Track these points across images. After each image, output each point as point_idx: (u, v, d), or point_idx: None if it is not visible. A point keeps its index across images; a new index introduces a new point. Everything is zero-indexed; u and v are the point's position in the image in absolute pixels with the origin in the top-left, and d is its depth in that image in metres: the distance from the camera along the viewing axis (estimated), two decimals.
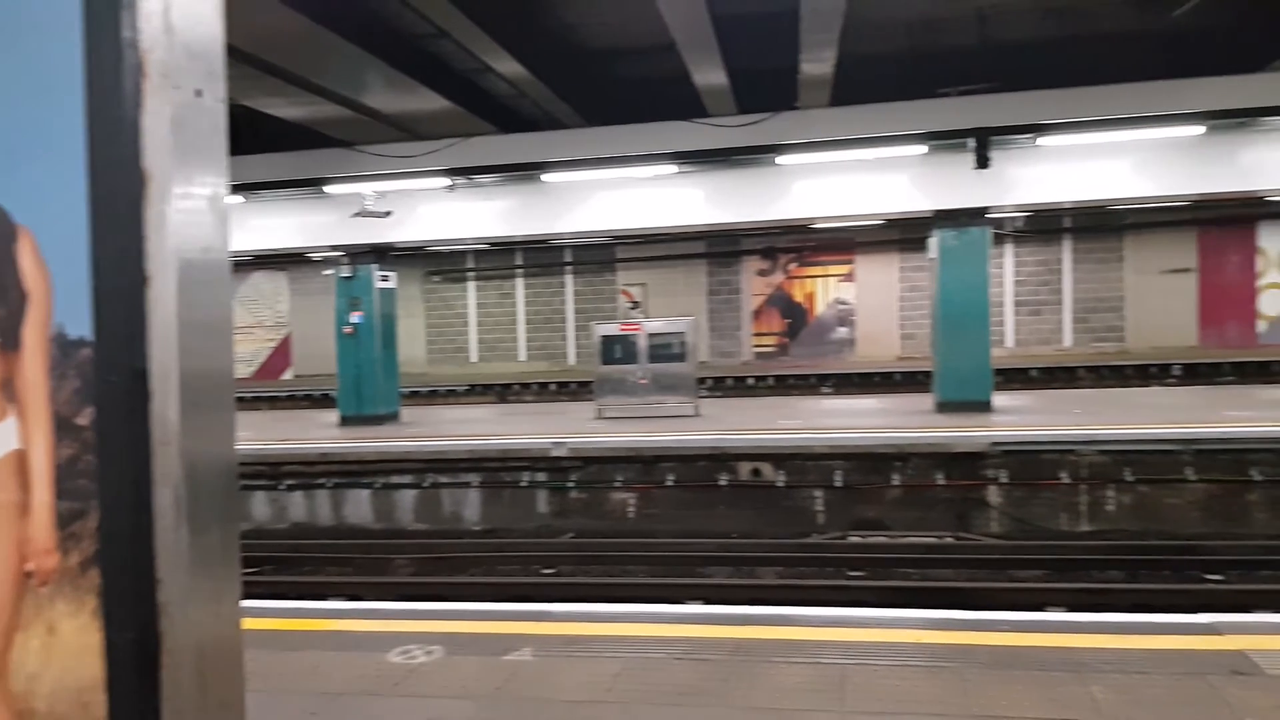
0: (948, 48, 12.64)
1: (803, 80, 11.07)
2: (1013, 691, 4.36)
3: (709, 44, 9.47)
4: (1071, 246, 23.38)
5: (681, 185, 14.55)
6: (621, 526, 12.15)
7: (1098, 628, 5.18)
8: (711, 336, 24.56)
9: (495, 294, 25.84)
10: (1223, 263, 22.73)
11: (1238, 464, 11.32)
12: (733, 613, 5.73)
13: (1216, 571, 9.58)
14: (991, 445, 11.85)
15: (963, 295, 14.00)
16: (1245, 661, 4.61)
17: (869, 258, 24.10)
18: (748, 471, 12.23)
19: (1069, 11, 12.03)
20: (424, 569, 10.82)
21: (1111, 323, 23.35)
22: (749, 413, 15.31)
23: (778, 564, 10.52)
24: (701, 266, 24.62)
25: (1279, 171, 13.34)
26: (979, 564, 10.15)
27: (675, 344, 14.69)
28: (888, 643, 5.03)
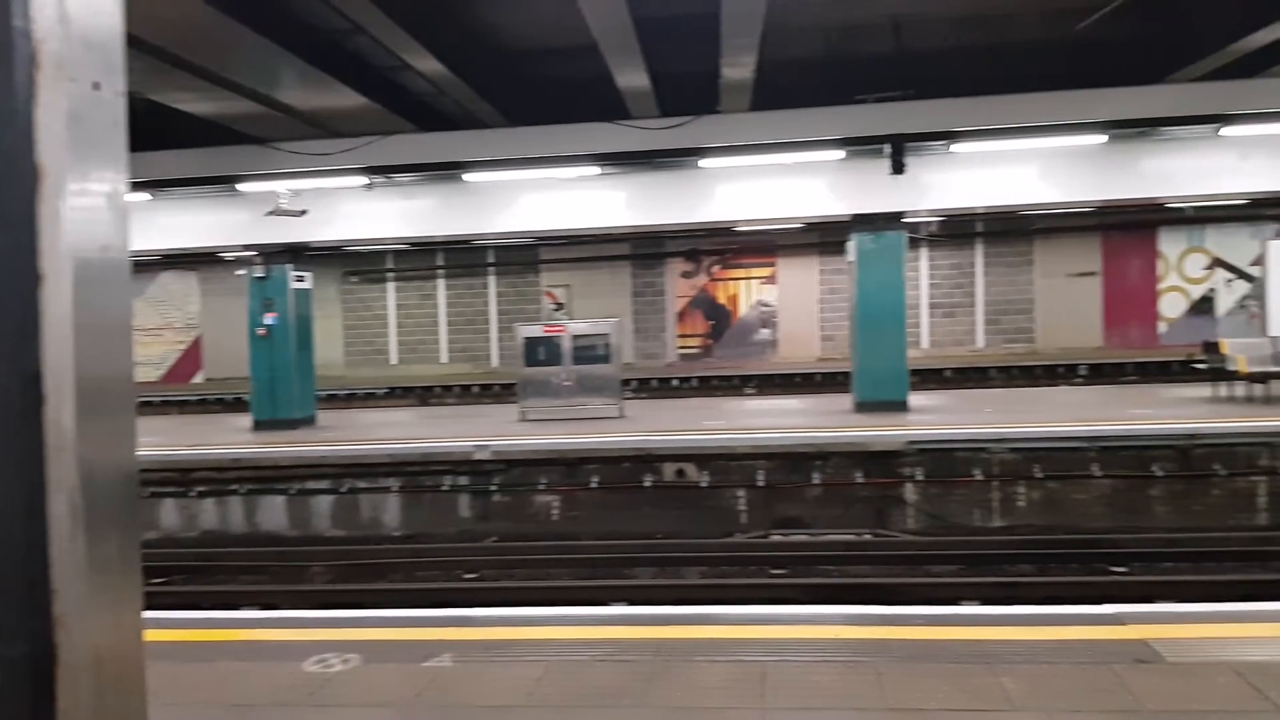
0: (865, 55, 12.90)
1: (724, 84, 11.18)
2: (927, 684, 4.47)
3: (630, 46, 9.50)
4: (983, 250, 24.10)
5: (605, 187, 14.57)
6: (545, 529, 12.10)
7: (1008, 620, 5.34)
8: (636, 338, 24.63)
9: (416, 295, 25.47)
10: (1126, 266, 23.70)
11: (1140, 460, 11.81)
12: (655, 613, 5.75)
13: (1122, 564, 9.98)
14: (908, 444, 12.14)
15: (880, 297, 14.31)
16: (1148, 650, 4.81)
17: (790, 260, 24.46)
18: (672, 472, 12.30)
19: (980, 21, 12.39)
20: (342, 576, 10.60)
21: (1021, 324, 24.13)
22: (673, 414, 15.39)
23: (702, 564, 10.60)
24: (626, 268, 24.68)
25: (1177, 179, 13.97)
26: (897, 560, 10.38)
27: (599, 345, 14.69)
28: (807, 639, 5.11)
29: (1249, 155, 13.49)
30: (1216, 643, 4.86)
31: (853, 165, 13.80)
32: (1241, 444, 11.63)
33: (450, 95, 12.20)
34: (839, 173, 14.05)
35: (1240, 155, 13.52)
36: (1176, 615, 5.35)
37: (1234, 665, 4.56)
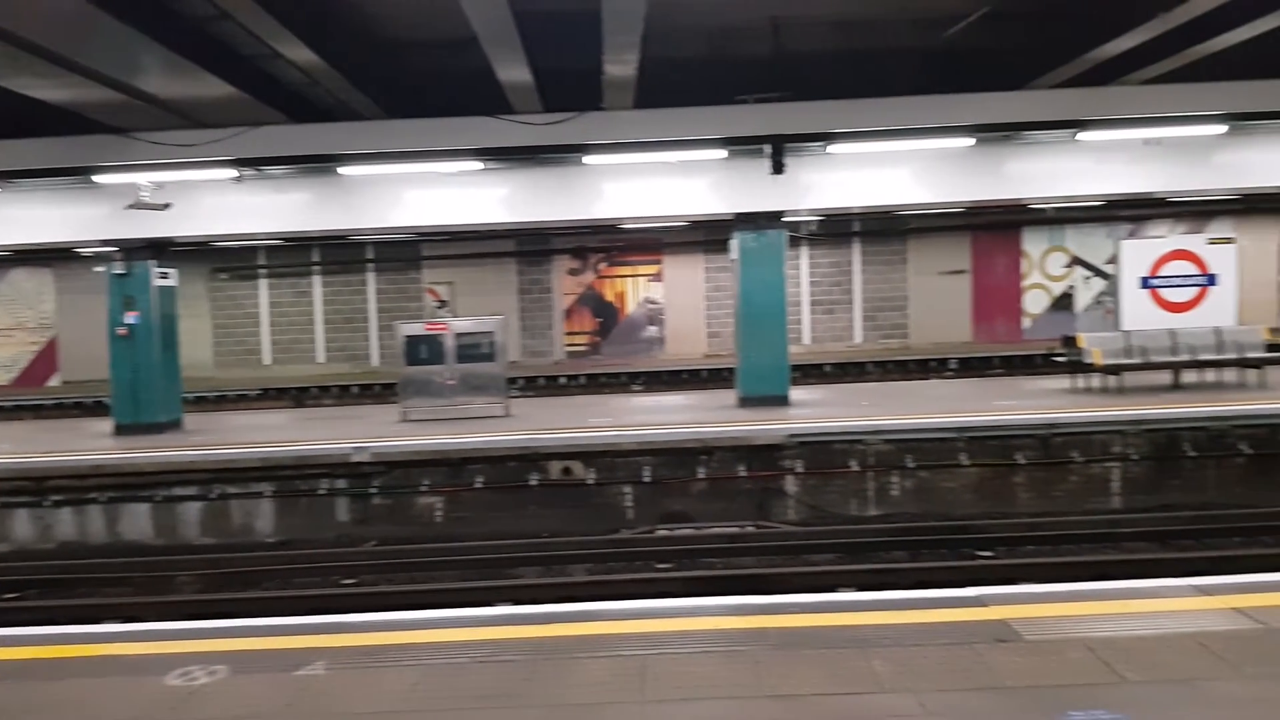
0: (745, 56, 13.09)
1: (607, 81, 11.17)
2: (801, 670, 4.56)
3: (511, 40, 9.38)
4: (861, 249, 24.87)
5: (488, 182, 14.36)
6: (428, 531, 11.86)
7: (879, 605, 5.51)
8: (523, 336, 24.42)
9: (290, 292, 24.57)
10: (992, 265, 24.83)
11: (1004, 449, 12.38)
12: (535, 612, 5.69)
13: (987, 548, 10.43)
14: (788, 437, 12.41)
15: (762, 295, 14.57)
16: (1007, 630, 5.03)
17: (676, 258, 24.69)
18: (558, 470, 12.24)
19: (855, 26, 12.73)
20: (212, 585, 10.15)
21: (897, 321, 25.01)
22: (560, 412, 15.32)
23: (588, 561, 10.58)
24: (512, 265, 24.44)
25: (1039, 181, 14.68)
26: (778, 550, 10.60)
27: (484, 344, 14.47)
28: (687, 631, 5.15)
29: (1104, 159, 14.29)
30: (1070, 620, 5.12)
31: (735, 165, 14.00)
32: (1096, 432, 12.33)
33: (324, 86, 11.82)
34: (721, 172, 14.23)
35: (1096, 159, 14.31)
36: (1033, 596, 5.62)
37: (1085, 641, 4.82)
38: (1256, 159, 14.14)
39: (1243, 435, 12.24)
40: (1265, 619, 5.05)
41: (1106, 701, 4.13)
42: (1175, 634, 4.89)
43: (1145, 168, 14.20)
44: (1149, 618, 5.16)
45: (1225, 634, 4.87)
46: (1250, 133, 13.78)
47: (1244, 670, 4.44)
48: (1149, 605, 5.35)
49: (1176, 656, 4.60)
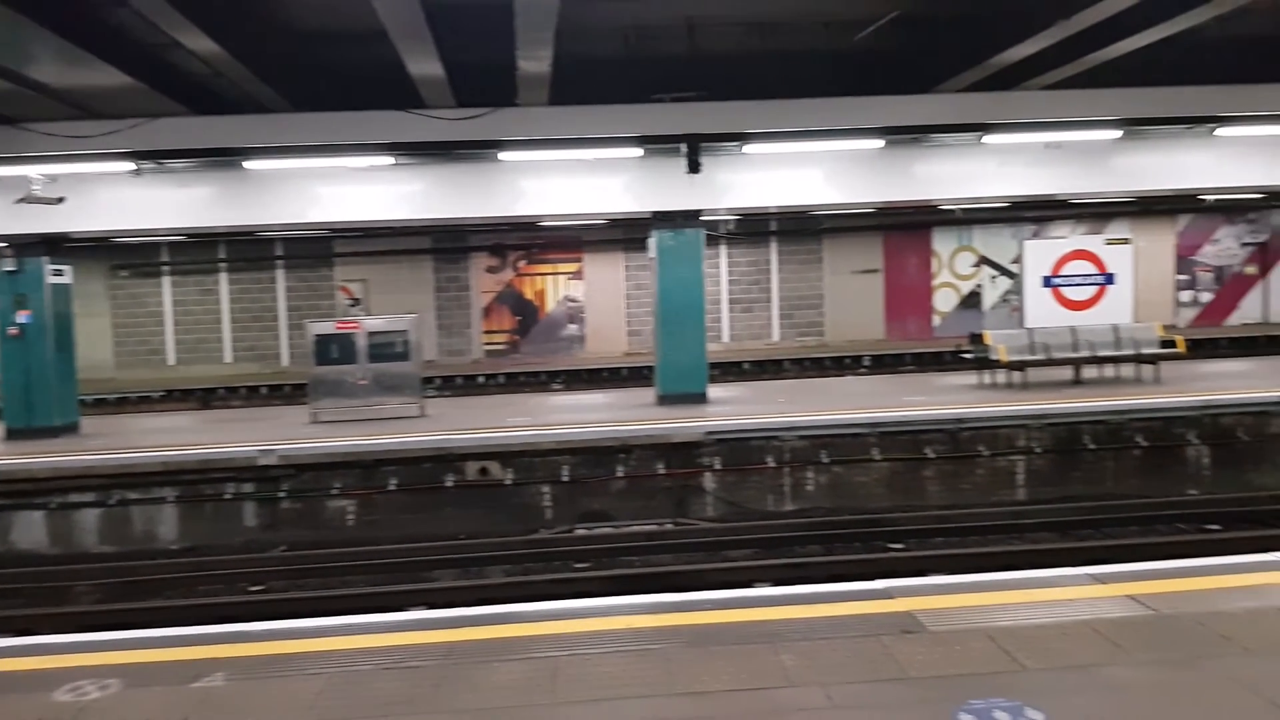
0: (661, 55, 13.10)
1: (521, 77, 11.05)
2: (713, 666, 4.57)
3: (421, 33, 9.18)
4: (778, 248, 25.20)
5: (401, 178, 14.09)
6: (340, 535, 11.57)
7: (790, 600, 5.57)
8: (440, 334, 24.07)
9: (196, 290, 23.74)
10: (904, 264, 25.44)
11: (915, 443, 12.68)
12: (446, 616, 5.59)
13: (899, 540, 10.67)
14: (706, 435, 12.49)
15: (680, 293, 14.63)
16: (913, 621, 5.13)
17: (596, 256, 24.65)
18: (475, 471, 12.08)
19: (768, 27, 12.86)
20: (110, 595, 9.73)
21: (813, 319, 25.42)
22: (478, 412, 15.13)
23: (505, 562, 10.47)
24: (428, 262, 24.07)
25: (947, 183, 15.07)
26: (696, 547, 10.65)
27: (397, 343, 14.19)
28: (601, 631, 5.12)
29: (1008, 162, 14.74)
30: (973, 611, 5.25)
31: (652, 163, 14.02)
32: (1002, 427, 12.71)
33: (228, 77, 11.41)
34: (639, 170, 14.24)
35: (1000, 162, 14.75)
36: (938, 587, 5.75)
37: (988, 631, 4.94)
38: (1150, 163, 14.76)
39: (1139, 428, 12.76)
40: (1157, 605, 5.25)
41: (1006, 689, 4.24)
42: (1072, 622, 5.05)
43: (1047, 170, 14.69)
44: (1048, 606, 5.32)
45: (1119, 621, 5.06)
46: (1144, 138, 14.39)
47: (1137, 656, 4.60)
48: (1048, 594, 5.52)
49: (1073, 644, 4.75)
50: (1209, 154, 14.76)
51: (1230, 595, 5.41)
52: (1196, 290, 25.84)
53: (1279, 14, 12.58)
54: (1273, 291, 25.90)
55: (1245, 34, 12.96)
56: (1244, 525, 10.59)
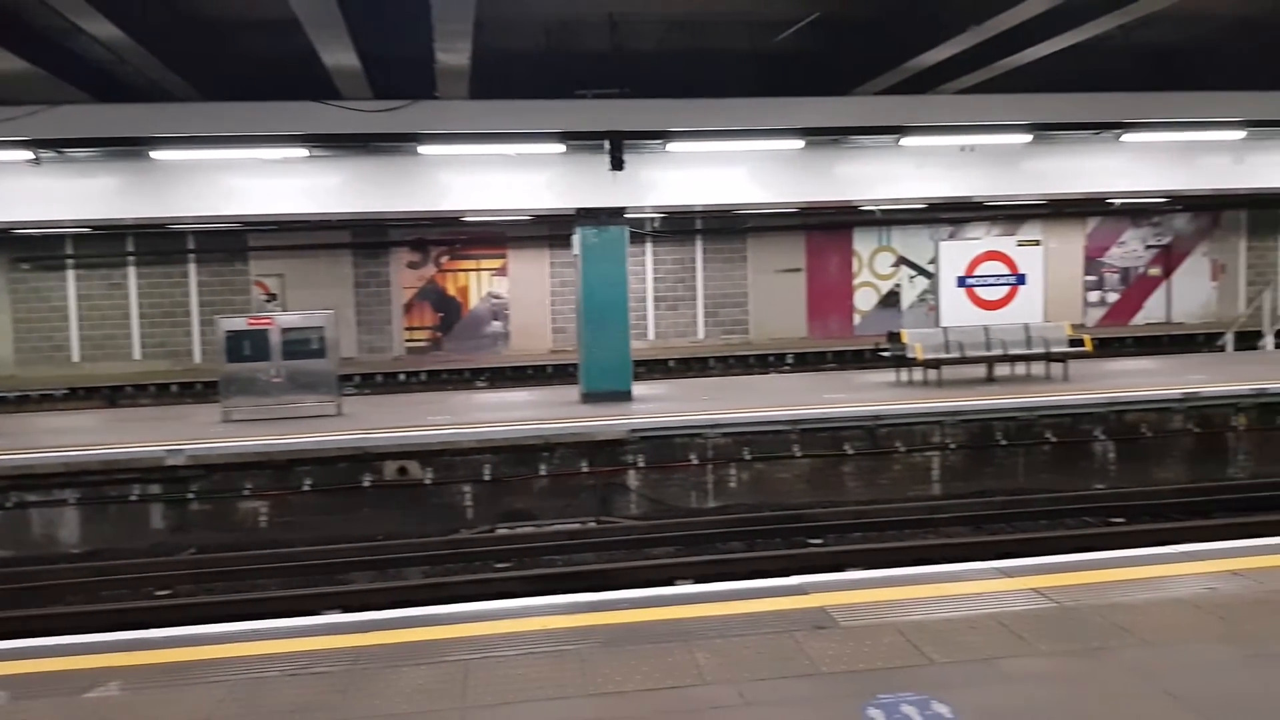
0: (584, 51, 13.05)
1: (440, 69, 10.86)
2: (627, 666, 4.55)
3: (335, 23, 8.94)
4: (703, 246, 25.30)
5: (318, 171, 13.74)
6: (252, 538, 11.24)
7: (706, 597, 5.57)
8: (360, 331, 23.55)
9: (103, 285, 22.78)
10: (826, 263, 25.77)
11: (834, 440, 12.86)
12: (355, 620, 5.45)
13: (818, 536, 10.81)
14: (630, 432, 12.47)
15: (604, 291, 14.58)
16: (826, 616, 5.18)
17: (521, 252, 24.41)
18: (393, 471, 11.86)
19: (691, 26, 12.91)
20: (3, 603, 9.26)
21: (737, 317, 25.59)
22: (398, 410, 14.85)
23: (424, 563, 10.31)
24: (347, 257, 23.51)
25: (866, 184, 15.33)
26: (619, 545, 10.63)
27: (313, 339, 13.82)
28: (515, 633, 5.05)
29: (924, 164, 15.06)
30: (884, 605, 5.32)
31: (575, 160, 13.93)
32: (917, 423, 12.98)
33: (133, 64, 10.98)
34: (563, 167, 14.14)
35: (917, 164, 15.06)
36: (851, 583, 5.81)
37: (898, 625, 5.02)
38: (1059, 167, 15.23)
39: (1048, 424, 13.16)
40: (1059, 598, 5.40)
41: (914, 683, 4.30)
42: (979, 615, 5.16)
43: (961, 173, 15.05)
44: (957, 600, 5.43)
45: (1023, 613, 5.18)
46: (1053, 142, 14.84)
47: (1039, 648, 4.72)
48: (957, 588, 5.62)
49: (979, 637, 4.85)
50: (1115, 159, 15.30)
51: (1129, 587, 5.58)
52: (1104, 291, 26.76)
53: (1181, 24, 13.11)
54: (1175, 292, 26.98)
55: (1149, 43, 13.48)
56: (1146, 518, 11.02)
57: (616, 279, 14.67)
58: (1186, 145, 15.18)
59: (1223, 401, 13.55)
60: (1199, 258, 27.00)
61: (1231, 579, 5.67)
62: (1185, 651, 4.61)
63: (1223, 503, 11.40)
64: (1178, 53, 14.26)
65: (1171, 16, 11.92)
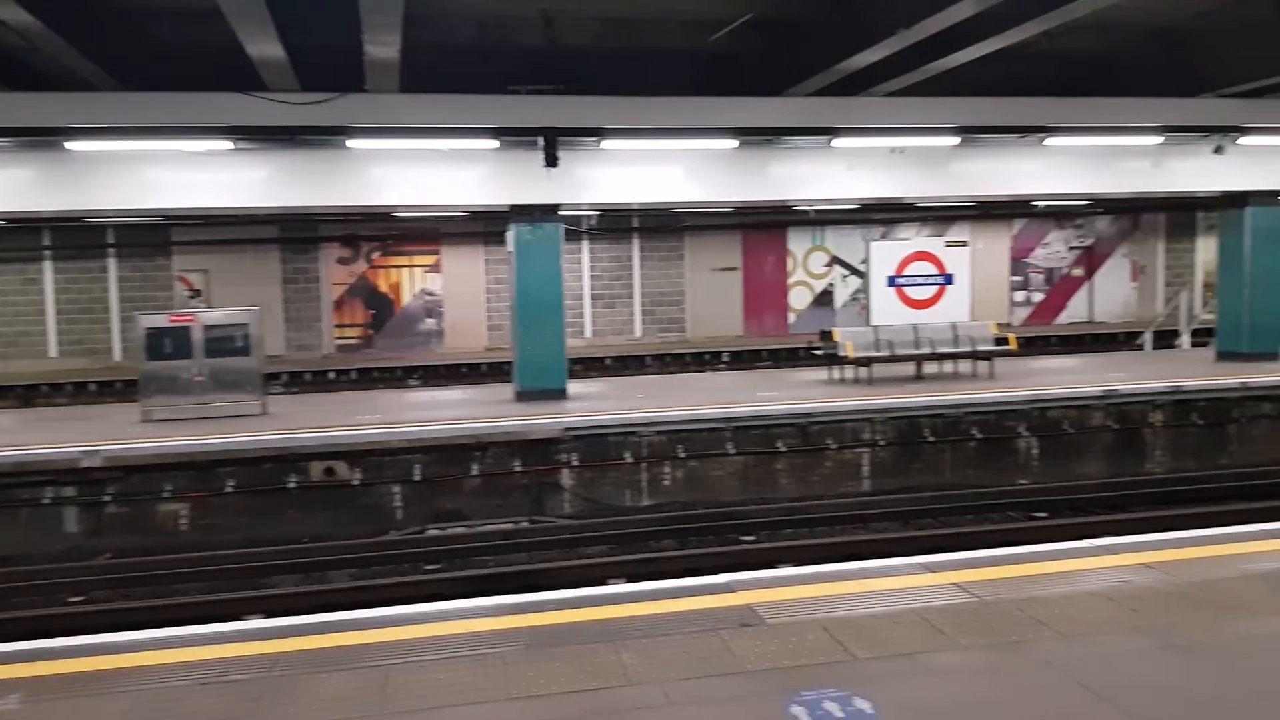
0: (518, 46, 12.95)
1: (369, 62, 10.66)
2: (551, 669, 4.50)
3: (259, 13, 8.70)
4: (640, 245, 25.33)
5: (244, 164, 13.35)
6: (172, 541, 10.90)
7: (633, 597, 5.54)
8: (288, 328, 23.05)
9: (16, 279, 21.90)
10: (761, 262, 26.01)
11: (767, 437, 12.95)
12: (273, 626, 5.30)
13: (751, 533, 10.87)
14: (564, 431, 12.39)
15: (539, 288, 14.46)
16: (752, 614, 5.19)
17: (455, 249, 24.15)
18: (320, 471, 11.60)
19: (626, 24, 12.89)
20: None
21: (674, 315, 25.69)
22: (326, 409, 14.54)
23: (352, 566, 10.11)
24: (275, 253, 22.98)
25: (799, 184, 15.44)
26: (552, 545, 10.57)
27: (237, 337, 13.45)
28: (438, 636, 4.96)
29: (856, 165, 15.23)
30: (810, 602, 5.36)
31: (509, 156, 13.78)
32: (848, 420, 13.14)
33: (47, 52, 10.58)
34: (496, 163, 13.97)
35: (848, 165, 15.23)
36: (778, 580, 5.84)
37: (823, 622, 5.05)
38: (985, 169, 15.55)
39: (974, 421, 13.43)
40: (979, 592, 5.49)
41: (837, 679, 4.33)
42: (902, 610, 5.22)
43: (892, 174, 15.27)
44: (881, 595, 5.49)
45: (945, 608, 5.26)
46: (980, 145, 15.13)
47: (960, 642, 4.79)
48: (881, 584, 5.69)
49: (902, 631, 4.91)
50: (1039, 162, 15.67)
51: (1047, 581, 5.71)
52: (1029, 291, 27.49)
53: (1101, 32, 13.51)
54: (1097, 293, 27.82)
55: (1072, 49, 13.85)
56: (1067, 512, 11.31)
57: (551, 276, 14.57)
58: (1107, 150, 15.63)
59: (1140, 399, 13.98)
60: (1119, 259, 27.90)
61: (1144, 571, 5.84)
62: (1099, 644, 4.72)
63: (1139, 497, 11.77)
64: (1099, 60, 14.70)
65: (1092, 25, 12.30)
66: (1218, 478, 12.46)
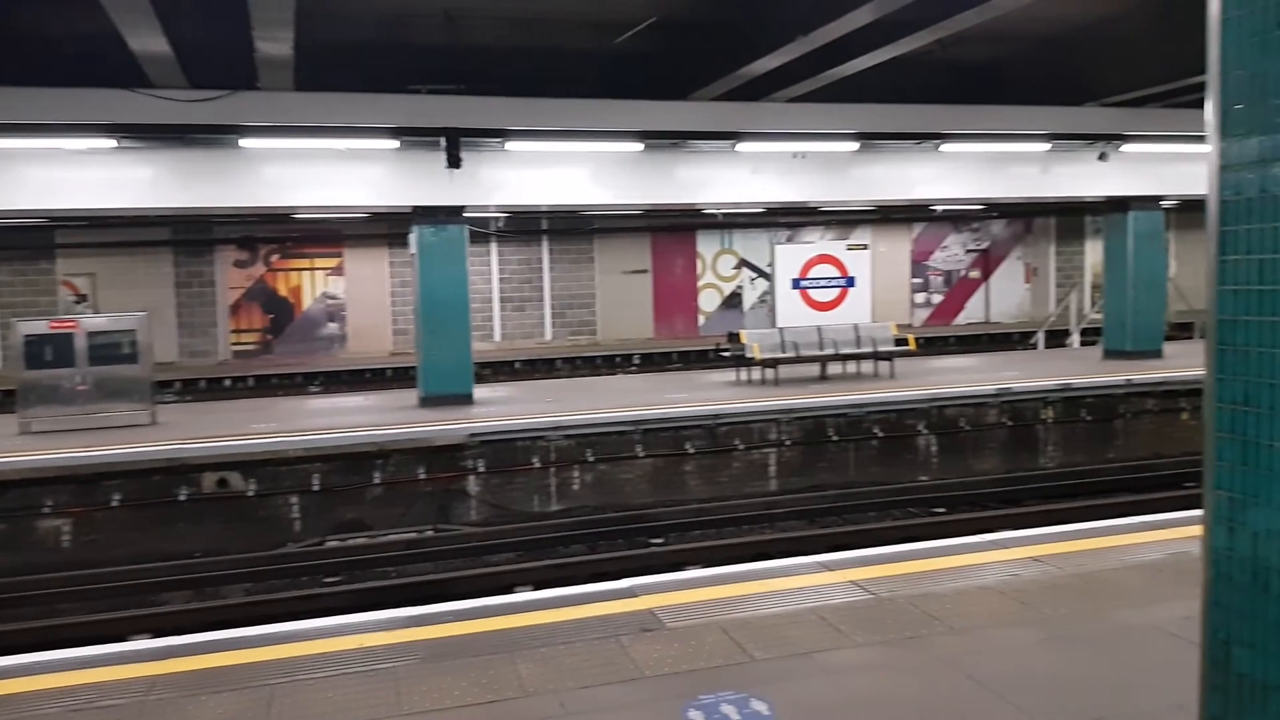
0: (420, 45, 12.71)
1: (261, 59, 10.31)
2: (446, 682, 4.38)
3: (139, 4, 8.33)
4: (550, 247, 25.17)
5: (130, 163, 12.76)
6: (51, 559, 10.33)
7: (533, 606, 5.45)
8: (181, 334, 22.15)
9: None
10: (671, 265, 26.13)
11: (676, 439, 12.99)
12: (151, 647, 5.05)
13: (660, 535, 10.87)
14: (470, 437, 12.21)
15: (443, 291, 14.21)
16: (653, 619, 5.16)
17: (358, 251, 23.59)
18: (213, 483, 11.17)
19: (531, 24, 12.77)
20: None
21: (585, 317, 25.60)
22: (221, 417, 14.01)
23: (247, 580, 9.75)
24: (167, 256, 22.07)
25: (706, 188, 15.55)
26: (458, 554, 10.38)
27: (124, 343, 12.83)
28: (328, 653, 4.79)
29: (760, 169, 15.41)
30: (711, 604, 5.36)
31: (411, 156, 13.50)
32: (755, 421, 13.28)
33: None
34: (398, 163, 13.67)
35: (753, 169, 15.39)
36: (680, 583, 5.83)
37: (722, 624, 5.05)
38: (884, 174, 15.92)
39: (876, 420, 13.72)
40: (875, 590, 5.58)
41: (735, 681, 4.33)
42: (801, 610, 5.26)
43: (795, 178, 15.50)
44: (781, 595, 5.52)
45: (842, 606, 5.32)
46: (880, 150, 15.48)
47: (855, 639, 4.85)
48: (782, 583, 5.73)
49: (799, 631, 4.94)
50: (935, 167, 16.13)
51: (941, 576, 5.83)
52: (929, 292, 28.27)
53: (992, 42, 13.97)
54: (993, 294, 28.79)
55: (965, 59, 14.29)
56: (965, 507, 11.63)
57: (456, 279, 14.34)
58: (999, 156, 16.17)
59: (1033, 396, 14.50)
60: (1014, 261, 28.93)
61: (1032, 564, 6.02)
62: (988, 637, 4.84)
63: (1033, 491, 12.19)
64: (991, 68, 15.19)
65: (983, 35, 12.70)
66: (1105, 471, 13.01)
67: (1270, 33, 2.29)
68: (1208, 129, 2.46)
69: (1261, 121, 2.32)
